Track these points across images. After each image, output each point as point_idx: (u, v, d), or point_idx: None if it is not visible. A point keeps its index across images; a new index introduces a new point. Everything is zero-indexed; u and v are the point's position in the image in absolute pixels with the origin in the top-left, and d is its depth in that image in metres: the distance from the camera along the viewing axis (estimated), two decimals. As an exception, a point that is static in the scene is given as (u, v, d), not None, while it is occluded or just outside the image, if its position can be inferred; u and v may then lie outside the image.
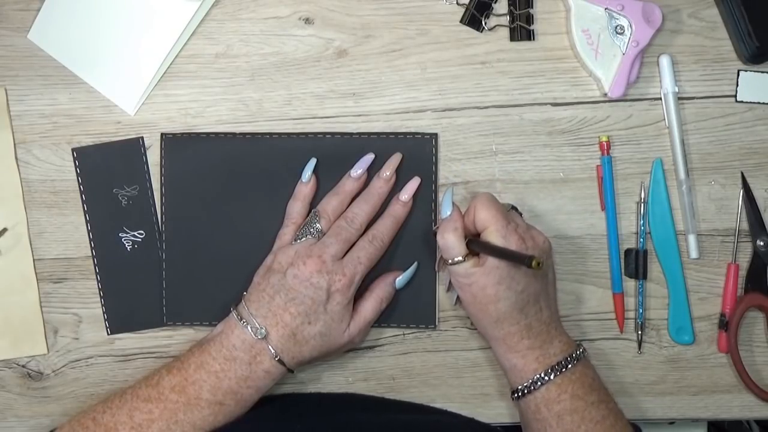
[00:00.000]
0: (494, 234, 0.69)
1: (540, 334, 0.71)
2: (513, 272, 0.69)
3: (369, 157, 0.76)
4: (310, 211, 0.75)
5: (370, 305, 0.74)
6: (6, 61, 0.79)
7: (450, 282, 0.75)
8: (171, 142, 0.78)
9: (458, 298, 0.73)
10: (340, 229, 0.73)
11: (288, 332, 0.70)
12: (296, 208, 0.76)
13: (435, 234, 0.75)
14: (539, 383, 0.70)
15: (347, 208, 0.75)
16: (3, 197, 0.79)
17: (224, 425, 0.71)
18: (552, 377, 0.70)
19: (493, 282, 0.69)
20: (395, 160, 0.76)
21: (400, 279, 0.75)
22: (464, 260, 0.70)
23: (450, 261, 0.70)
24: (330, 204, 0.74)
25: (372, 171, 0.76)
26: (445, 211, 0.72)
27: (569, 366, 0.70)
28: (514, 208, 0.75)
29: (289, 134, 0.78)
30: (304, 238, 0.73)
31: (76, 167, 0.79)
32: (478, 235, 0.71)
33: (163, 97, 0.79)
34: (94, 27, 0.78)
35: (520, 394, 0.71)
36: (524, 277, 0.69)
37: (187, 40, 0.78)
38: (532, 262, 0.62)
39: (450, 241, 0.70)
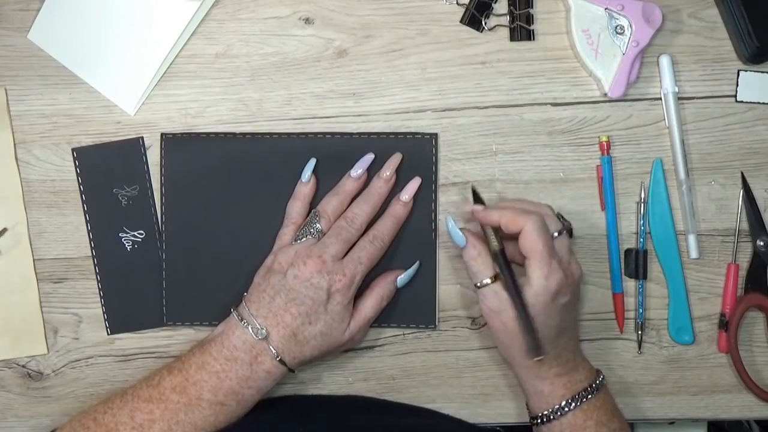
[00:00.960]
0: (536, 272, 0.67)
1: (567, 362, 0.71)
2: (548, 309, 0.68)
3: (369, 157, 0.76)
4: (310, 211, 0.75)
5: (371, 303, 0.74)
6: (6, 61, 0.79)
7: (467, 276, 0.74)
8: (171, 142, 0.78)
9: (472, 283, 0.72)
10: (340, 229, 0.73)
11: (289, 332, 0.70)
12: (296, 208, 0.76)
13: (433, 240, 0.75)
14: (566, 409, 0.70)
15: (347, 208, 0.75)
16: (3, 197, 0.78)
17: (225, 426, 0.71)
18: (579, 404, 0.70)
19: None
20: (395, 160, 0.76)
21: (402, 278, 0.75)
22: (492, 282, 0.69)
23: (478, 284, 0.70)
24: (330, 204, 0.74)
25: (372, 171, 0.76)
26: (458, 242, 0.71)
27: (594, 393, 0.70)
28: (560, 216, 0.72)
29: (289, 134, 0.78)
30: (304, 239, 0.73)
31: (76, 167, 0.78)
32: (509, 236, 0.69)
33: (163, 97, 0.79)
34: (94, 27, 0.78)
35: (544, 419, 0.71)
36: (558, 313, 0.68)
37: (187, 40, 0.78)
38: (535, 357, 0.66)
39: (474, 267, 0.70)
